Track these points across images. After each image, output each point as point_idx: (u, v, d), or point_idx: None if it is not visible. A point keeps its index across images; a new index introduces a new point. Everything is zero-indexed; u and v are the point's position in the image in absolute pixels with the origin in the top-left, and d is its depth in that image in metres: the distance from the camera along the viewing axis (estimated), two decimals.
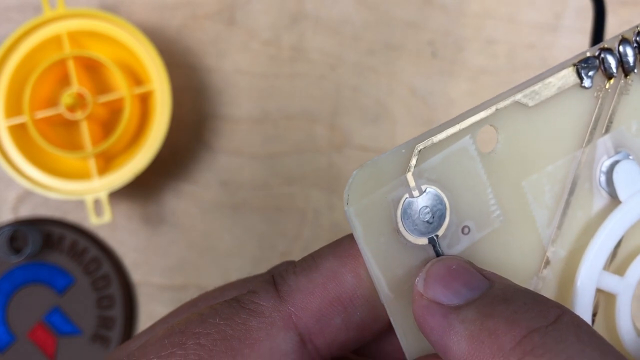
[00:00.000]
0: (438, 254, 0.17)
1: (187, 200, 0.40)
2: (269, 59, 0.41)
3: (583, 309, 0.18)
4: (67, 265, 0.39)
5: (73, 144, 0.38)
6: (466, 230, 0.18)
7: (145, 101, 0.39)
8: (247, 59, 0.41)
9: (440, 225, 0.17)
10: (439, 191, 0.17)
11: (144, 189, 0.40)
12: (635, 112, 0.19)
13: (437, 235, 0.17)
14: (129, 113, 0.36)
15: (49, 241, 0.39)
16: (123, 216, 0.40)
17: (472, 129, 0.17)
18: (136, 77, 0.39)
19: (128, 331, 0.39)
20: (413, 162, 0.17)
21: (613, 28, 0.37)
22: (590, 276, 0.18)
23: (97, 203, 0.38)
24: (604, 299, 0.19)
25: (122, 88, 0.37)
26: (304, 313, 0.18)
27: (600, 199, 0.19)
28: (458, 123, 0.17)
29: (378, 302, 0.17)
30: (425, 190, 0.17)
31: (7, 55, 0.37)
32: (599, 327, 0.19)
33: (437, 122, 0.40)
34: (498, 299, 0.16)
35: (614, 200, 0.19)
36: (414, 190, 0.17)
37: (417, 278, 0.17)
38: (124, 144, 0.38)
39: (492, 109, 0.18)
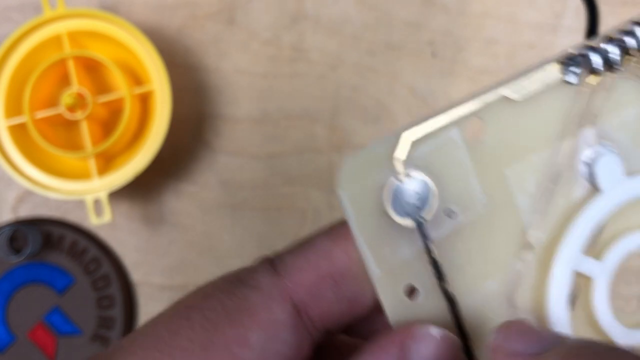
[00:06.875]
0: (424, 235, 0.18)
1: (187, 200, 0.40)
2: (269, 59, 0.41)
3: (559, 290, 0.19)
4: (67, 265, 0.39)
5: (73, 144, 0.38)
6: (451, 214, 0.19)
7: (145, 101, 0.39)
8: (247, 59, 0.41)
9: (426, 209, 0.18)
10: (426, 177, 0.18)
11: (144, 189, 0.40)
12: (618, 107, 0.20)
13: (423, 218, 0.18)
14: (129, 113, 0.36)
15: (49, 241, 0.39)
16: (123, 216, 0.40)
17: (460, 120, 0.18)
18: (136, 77, 0.39)
19: (128, 331, 0.39)
20: (402, 149, 0.18)
21: None
22: (568, 259, 0.19)
23: (97, 203, 0.38)
24: (585, 284, 0.20)
25: (122, 88, 0.37)
26: (298, 287, 0.19)
27: (582, 189, 0.20)
28: (447, 113, 0.18)
29: (367, 278, 0.18)
30: (413, 176, 0.18)
31: (7, 55, 0.37)
32: (579, 311, 0.20)
33: None
34: None
35: (595, 190, 0.20)
36: (402, 176, 0.18)
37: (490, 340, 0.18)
38: (124, 144, 0.38)
39: (481, 102, 0.19)
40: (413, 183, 0.18)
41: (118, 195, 0.40)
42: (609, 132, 0.20)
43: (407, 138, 0.18)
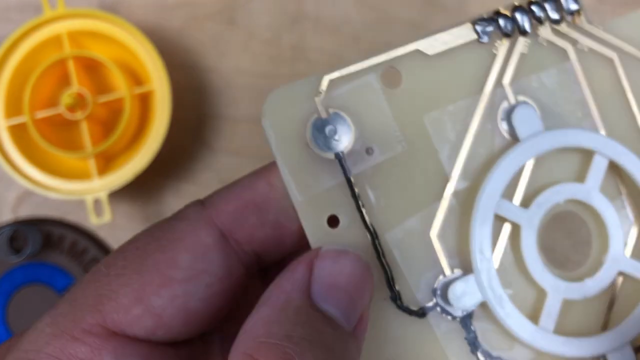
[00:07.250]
0: (344, 168, 0.20)
1: (187, 200, 0.40)
2: (269, 59, 0.41)
3: (481, 233, 0.20)
4: (67, 265, 0.39)
5: (73, 144, 0.38)
6: (370, 151, 0.20)
7: (145, 101, 0.39)
8: (247, 59, 0.41)
9: (345, 144, 0.20)
10: (345, 115, 0.20)
11: (144, 189, 0.40)
12: (533, 68, 0.21)
13: (342, 152, 0.20)
14: (129, 113, 0.36)
15: (49, 241, 0.39)
16: (123, 216, 0.40)
17: (376, 68, 0.20)
18: (136, 77, 0.39)
19: None
20: (322, 88, 0.20)
21: None
22: (488, 202, 0.20)
23: (97, 203, 0.38)
24: (514, 231, 0.21)
25: (122, 88, 0.37)
26: (222, 214, 0.21)
27: (502, 139, 0.21)
28: (367, 61, 0.20)
29: (289, 204, 0.20)
30: (332, 113, 0.20)
31: (7, 55, 0.37)
32: (507, 257, 0.21)
33: None
34: None
35: (515, 141, 0.21)
36: (322, 112, 0.20)
37: None
38: (124, 144, 0.38)
39: (396, 53, 0.20)
40: (332, 119, 0.20)
41: (118, 195, 0.40)
42: (529, 91, 0.21)
43: (328, 79, 0.20)
